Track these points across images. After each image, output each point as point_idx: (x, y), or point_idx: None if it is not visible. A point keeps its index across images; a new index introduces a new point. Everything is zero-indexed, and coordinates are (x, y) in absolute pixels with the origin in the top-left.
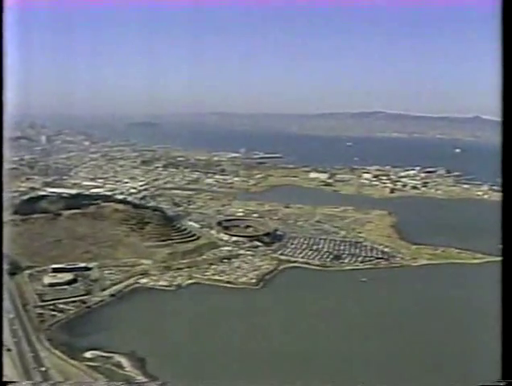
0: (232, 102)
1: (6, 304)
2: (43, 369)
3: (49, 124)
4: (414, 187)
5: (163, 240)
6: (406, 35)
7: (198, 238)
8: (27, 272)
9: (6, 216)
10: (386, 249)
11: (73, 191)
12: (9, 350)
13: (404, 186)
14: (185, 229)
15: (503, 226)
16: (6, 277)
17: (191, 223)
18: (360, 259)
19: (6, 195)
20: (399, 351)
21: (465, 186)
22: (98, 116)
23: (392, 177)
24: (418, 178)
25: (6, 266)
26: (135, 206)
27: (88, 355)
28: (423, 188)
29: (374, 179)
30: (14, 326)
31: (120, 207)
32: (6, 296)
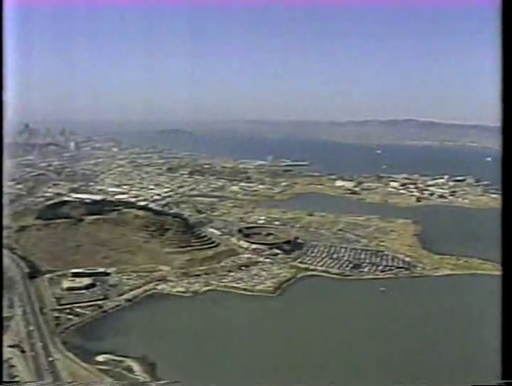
0: (263, 110)
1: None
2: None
3: (80, 130)
4: (442, 196)
5: (183, 247)
6: (440, 43)
7: (217, 245)
8: (47, 276)
9: (30, 221)
10: (407, 259)
11: (98, 197)
12: (23, 351)
13: (431, 194)
14: (205, 236)
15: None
16: (26, 281)
17: (212, 230)
18: (380, 268)
19: (32, 200)
20: (413, 364)
21: (494, 195)
22: (130, 122)
23: (420, 185)
24: (446, 186)
25: (26, 270)
26: (156, 212)
27: (100, 358)
28: (451, 197)
29: (401, 188)
30: (31, 328)
31: (141, 213)
32: (24, 299)
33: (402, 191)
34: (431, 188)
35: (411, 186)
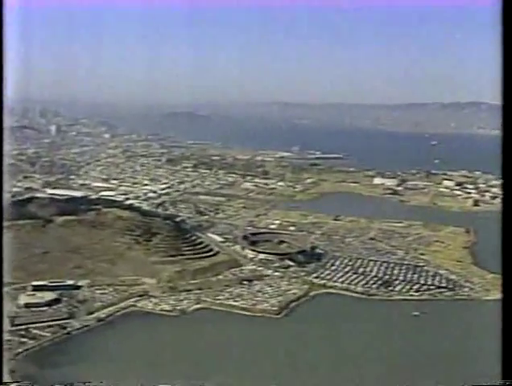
0: (299, 90)
1: None
2: None
3: (66, 112)
4: None
5: (173, 256)
6: None
7: (216, 254)
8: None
9: None
10: (452, 276)
11: (78, 194)
12: None
13: (493, 197)
14: (202, 243)
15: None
16: None
17: (212, 235)
18: (416, 287)
19: None
20: None
21: None
22: (134, 105)
23: (480, 185)
24: None
25: None
26: (143, 213)
27: None
28: None
29: (457, 188)
30: None
31: (124, 214)
32: None
33: (456, 192)
34: (493, 189)
35: (470, 186)
